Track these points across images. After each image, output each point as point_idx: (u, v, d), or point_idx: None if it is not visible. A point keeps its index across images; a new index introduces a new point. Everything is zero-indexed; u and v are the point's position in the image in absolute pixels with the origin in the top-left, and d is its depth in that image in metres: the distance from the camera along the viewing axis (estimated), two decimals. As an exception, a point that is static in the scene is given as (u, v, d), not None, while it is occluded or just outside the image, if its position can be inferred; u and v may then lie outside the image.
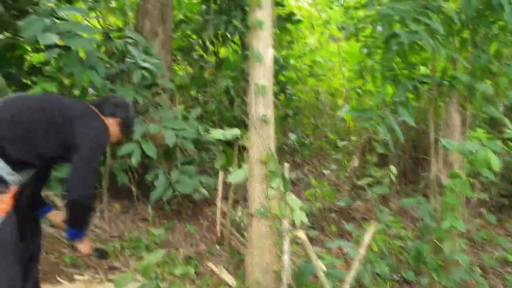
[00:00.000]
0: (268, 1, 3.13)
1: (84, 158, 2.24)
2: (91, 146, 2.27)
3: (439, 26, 3.20)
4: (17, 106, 2.27)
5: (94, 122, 2.37)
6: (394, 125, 3.46)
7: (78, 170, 2.24)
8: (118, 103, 2.56)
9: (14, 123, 2.18)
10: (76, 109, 2.35)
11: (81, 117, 2.32)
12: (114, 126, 2.50)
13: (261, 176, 3.14)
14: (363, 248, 2.66)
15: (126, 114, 2.55)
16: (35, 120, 2.22)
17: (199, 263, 3.62)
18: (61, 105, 2.33)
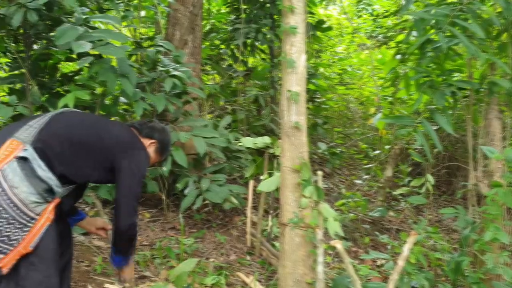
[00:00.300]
0: (301, 6, 3.07)
1: (127, 190, 2.31)
2: (135, 179, 2.33)
3: (478, 29, 3.08)
4: (72, 124, 2.33)
5: (138, 153, 2.42)
6: (432, 132, 3.34)
7: (123, 203, 2.30)
8: (156, 127, 2.63)
9: (67, 140, 2.23)
10: (123, 139, 2.41)
11: (127, 149, 2.37)
12: (151, 147, 2.56)
13: (294, 184, 3.06)
14: (402, 259, 2.54)
15: (163, 138, 2.62)
16: (85, 144, 2.27)
17: (229, 273, 3.55)
18: (110, 133, 2.38)
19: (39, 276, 2.10)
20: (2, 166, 2.01)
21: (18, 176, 2.01)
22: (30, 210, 2.03)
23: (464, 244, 3.45)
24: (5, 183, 1.98)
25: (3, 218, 1.97)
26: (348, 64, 8.27)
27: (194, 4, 5.00)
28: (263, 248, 3.92)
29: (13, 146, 2.08)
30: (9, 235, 1.98)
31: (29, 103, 3.60)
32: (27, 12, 3.18)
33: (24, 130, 2.16)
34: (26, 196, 2.01)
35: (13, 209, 1.99)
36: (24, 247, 2.02)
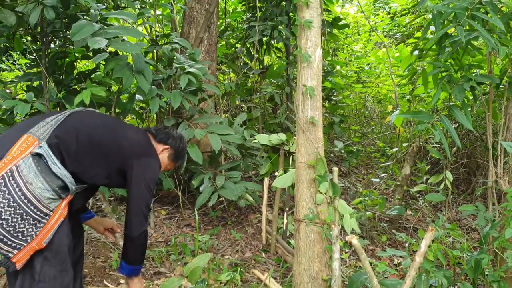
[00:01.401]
0: (316, 0, 3.04)
1: (139, 200, 2.34)
2: (145, 188, 2.35)
3: (499, 22, 3.01)
4: (93, 124, 2.34)
5: (150, 161, 2.43)
6: (451, 128, 3.28)
7: (134, 212, 2.34)
8: (172, 134, 2.64)
9: (86, 140, 2.24)
10: (138, 145, 2.43)
11: (140, 156, 2.39)
12: (163, 153, 2.58)
13: (309, 180, 3.03)
14: (419, 255, 2.49)
15: (178, 145, 2.63)
16: (103, 145, 2.30)
17: (245, 270, 3.53)
18: (126, 138, 2.40)
19: (54, 271, 2.11)
20: (18, 161, 2.03)
21: (33, 172, 2.02)
22: (44, 206, 2.04)
23: (484, 242, 3.38)
24: (20, 179, 1.99)
25: (17, 214, 1.98)
26: (365, 62, 8.19)
27: (210, 2, 5.00)
28: (278, 245, 3.89)
29: (29, 142, 2.09)
30: (23, 231, 1.99)
31: (46, 100, 3.63)
32: (44, 9, 3.22)
33: (41, 127, 2.17)
34: (40, 192, 2.02)
35: (27, 205, 1.99)
36: (38, 243, 2.03)
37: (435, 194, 3.47)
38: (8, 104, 3.39)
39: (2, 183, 1.97)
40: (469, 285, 3.38)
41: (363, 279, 2.78)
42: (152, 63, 3.77)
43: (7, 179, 1.98)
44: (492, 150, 3.61)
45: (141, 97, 4.21)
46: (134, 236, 2.36)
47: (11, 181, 1.98)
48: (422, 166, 4.80)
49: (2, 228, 1.96)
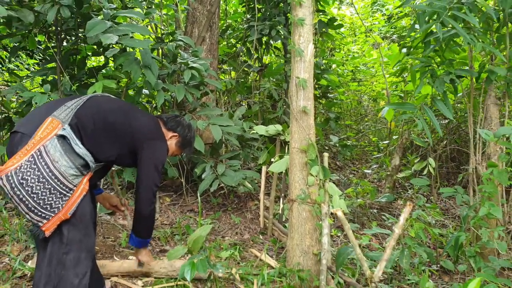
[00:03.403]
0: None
1: (148, 179, 2.61)
2: (153, 168, 2.62)
3: (474, 20, 3.31)
4: (109, 107, 2.60)
5: (158, 144, 2.70)
6: (433, 117, 3.57)
7: (143, 191, 2.62)
8: (181, 122, 2.91)
9: (101, 120, 2.49)
10: (148, 129, 2.69)
11: (149, 138, 2.64)
12: (172, 140, 2.86)
13: (301, 164, 3.32)
14: (398, 227, 2.77)
15: (186, 133, 2.90)
16: (117, 126, 2.55)
17: (243, 249, 3.82)
18: (139, 120, 2.65)
19: (79, 235, 2.40)
20: (45, 142, 2.30)
21: (58, 152, 2.30)
22: (69, 182, 2.33)
23: (464, 223, 3.67)
24: (47, 158, 2.27)
25: (46, 188, 2.25)
26: (361, 62, 8.49)
27: (212, 3, 5.31)
28: (274, 228, 4.18)
29: (54, 124, 2.36)
30: (51, 203, 2.27)
31: (61, 92, 3.94)
32: (60, 9, 3.53)
33: (63, 111, 2.45)
34: (65, 170, 2.31)
35: (55, 180, 2.27)
36: (64, 213, 2.31)
37: (419, 179, 3.75)
38: (27, 95, 3.69)
39: (32, 161, 2.24)
40: (450, 263, 3.68)
41: (349, 251, 3.07)
42: (158, 58, 4.07)
43: (36, 158, 2.25)
44: (474, 139, 3.91)
45: (147, 91, 4.52)
46: (144, 212, 2.64)
47: (40, 160, 2.25)
48: (412, 158, 5.09)
49: (33, 200, 2.23)
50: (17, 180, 2.20)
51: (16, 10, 3.76)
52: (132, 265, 3.13)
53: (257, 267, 3.42)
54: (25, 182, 2.21)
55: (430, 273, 3.63)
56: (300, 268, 3.20)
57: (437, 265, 3.72)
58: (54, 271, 2.31)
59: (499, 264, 3.31)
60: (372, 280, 2.78)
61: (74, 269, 2.33)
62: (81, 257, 2.37)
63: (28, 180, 2.21)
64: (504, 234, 3.37)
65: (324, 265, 3.07)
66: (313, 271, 3.23)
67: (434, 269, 3.66)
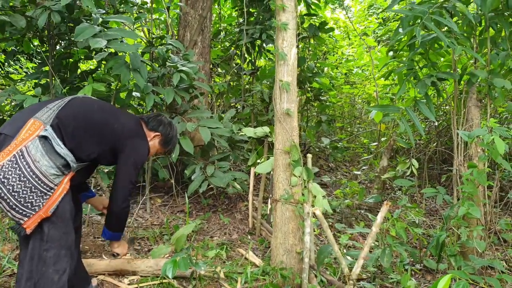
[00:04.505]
0: (292, 4, 3.43)
1: (126, 177, 2.65)
2: (133, 167, 2.66)
3: (453, 25, 3.39)
4: (90, 108, 2.66)
5: (139, 143, 2.74)
6: (415, 119, 3.64)
7: (119, 188, 2.65)
8: (162, 121, 2.95)
9: (82, 120, 2.56)
10: (128, 128, 2.73)
11: (129, 137, 2.69)
12: (154, 140, 2.90)
13: (285, 165, 3.40)
14: (376, 226, 2.85)
15: (167, 131, 2.94)
16: (97, 125, 2.61)
17: (231, 249, 3.89)
18: (119, 120, 2.70)
19: (59, 232, 2.48)
20: (27, 143, 2.37)
21: (40, 152, 2.37)
22: (50, 181, 2.39)
23: (446, 223, 3.74)
24: (29, 158, 2.34)
25: (27, 187, 2.33)
26: (356, 65, 8.58)
27: (203, 7, 5.40)
28: (262, 228, 4.26)
29: (35, 126, 2.43)
30: (32, 201, 2.34)
31: (52, 95, 4.03)
32: (51, 14, 3.62)
33: (45, 112, 2.51)
34: (46, 169, 2.37)
35: (35, 180, 2.34)
36: (44, 211, 2.38)
37: (403, 180, 3.83)
38: (18, 98, 3.78)
39: (14, 161, 2.31)
40: (433, 262, 3.75)
41: (330, 250, 3.14)
42: (148, 62, 4.16)
43: (18, 158, 2.32)
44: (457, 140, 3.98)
45: (138, 94, 4.60)
46: (117, 209, 2.67)
47: (22, 160, 2.32)
48: (401, 159, 5.16)
49: (14, 199, 2.30)
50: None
51: (8, 15, 3.86)
52: (119, 263, 3.21)
53: (242, 265, 3.50)
54: (6, 181, 2.27)
55: (414, 272, 3.70)
56: (283, 267, 3.28)
57: (420, 264, 3.79)
58: (36, 268, 2.39)
59: (478, 263, 3.38)
60: (350, 278, 2.85)
61: (54, 266, 2.41)
62: (61, 254, 2.45)
63: (9, 179, 2.28)
64: (483, 233, 3.43)
65: (306, 263, 3.15)
66: (296, 269, 3.30)
67: (417, 268, 3.74)
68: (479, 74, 3.62)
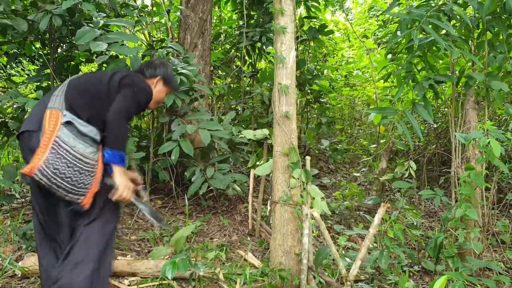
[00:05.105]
0: (290, 8, 3.46)
1: (122, 104, 2.65)
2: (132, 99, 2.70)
3: (450, 28, 3.42)
4: (87, 80, 2.78)
5: (139, 81, 2.85)
6: (414, 122, 3.67)
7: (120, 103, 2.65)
8: (155, 64, 3.04)
9: (85, 93, 2.67)
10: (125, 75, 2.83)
11: (129, 76, 2.81)
12: (158, 85, 3.00)
13: (284, 167, 3.43)
14: (373, 227, 2.88)
15: (165, 71, 3.03)
16: (96, 91, 2.70)
17: (230, 250, 3.92)
18: (114, 75, 2.80)
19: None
20: (57, 133, 2.50)
21: (71, 138, 2.51)
22: (91, 159, 2.56)
23: (444, 224, 3.77)
24: (65, 145, 2.48)
25: (76, 171, 2.49)
26: (356, 67, 8.61)
27: (204, 10, 5.44)
28: (262, 230, 4.29)
29: (55, 115, 2.54)
30: (84, 181, 2.52)
31: (54, 98, 4.06)
32: (52, 18, 3.66)
33: (55, 100, 2.63)
34: (84, 151, 2.53)
35: (80, 162, 2.51)
36: (95, 186, 2.57)
37: (401, 181, 3.86)
38: (20, 101, 3.82)
39: (55, 153, 2.45)
40: (431, 263, 3.78)
41: (328, 251, 3.17)
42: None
43: (57, 149, 2.46)
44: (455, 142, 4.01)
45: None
46: (113, 119, 2.60)
47: (61, 149, 2.47)
48: (400, 161, 5.18)
49: (69, 184, 2.48)
50: (51, 171, 2.43)
51: (10, 19, 3.90)
52: (119, 265, 3.24)
53: (241, 267, 3.53)
54: (57, 171, 2.44)
55: (412, 274, 3.72)
56: (282, 268, 3.31)
57: (418, 266, 3.81)
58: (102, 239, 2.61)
59: (476, 265, 3.40)
60: (348, 279, 2.88)
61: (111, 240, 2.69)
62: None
63: (59, 169, 2.45)
64: (480, 235, 3.46)
65: (304, 264, 3.18)
66: (295, 271, 3.33)
67: (415, 270, 3.76)
68: (477, 77, 3.65)
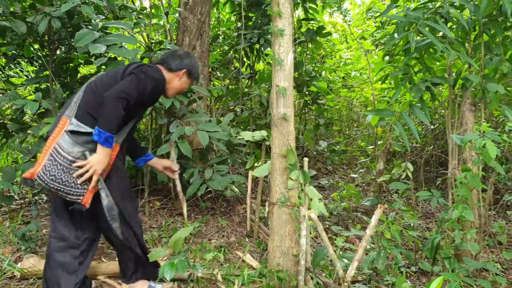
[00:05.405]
0: (288, 11, 3.49)
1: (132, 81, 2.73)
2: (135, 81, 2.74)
3: (447, 30, 3.44)
4: (96, 81, 2.88)
5: (150, 67, 2.89)
6: (410, 123, 3.69)
7: (122, 85, 2.71)
8: (182, 55, 3.08)
9: (98, 93, 2.75)
10: (135, 65, 2.91)
11: (139, 66, 2.89)
12: (184, 77, 3.07)
13: (282, 168, 3.45)
14: (370, 229, 2.90)
15: (191, 62, 3.09)
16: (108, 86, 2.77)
17: (228, 251, 3.94)
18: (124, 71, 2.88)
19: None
20: (58, 140, 2.64)
21: (71, 144, 2.63)
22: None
23: (440, 226, 3.79)
24: (64, 152, 2.61)
25: (71, 174, 2.61)
26: (354, 69, 8.64)
27: (202, 12, 5.46)
28: (260, 231, 4.31)
29: (63, 122, 2.70)
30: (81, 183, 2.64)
31: (53, 100, 4.09)
32: (51, 20, 3.68)
33: (70, 107, 2.76)
34: (79, 154, 2.63)
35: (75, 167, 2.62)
36: (92, 186, 2.67)
37: (398, 183, 3.88)
38: (19, 103, 3.84)
39: (52, 160, 2.59)
40: (427, 264, 3.80)
41: (325, 252, 3.20)
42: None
43: (54, 156, 2.60)
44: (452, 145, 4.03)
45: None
46: (110, 96, 2.63)
47: (59, 156, 2.60)
48: (397, 162, 5.21)
49: (66, 187, 2.61)
50: (48, 178, 2.57)
51: (9, 21, 3.91)
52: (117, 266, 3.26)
53: (240, 268, 3.54)
54: (54, 177, 2.58)
55: (409, 274, 3.75)
56: (280, 269, 3.32)
57: (415, 267, 3.84)
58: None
59: (472, 265, 3.42)
60: (345, 280, 2.90)
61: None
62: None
63: (56, 175, 2.59)
64: (476, 236, 3.48)
65: (302, 265, 3.20)
66: (292, 272, 3.35)
67: (412, 271, 3.78)
68: (473, 79, 3.67)
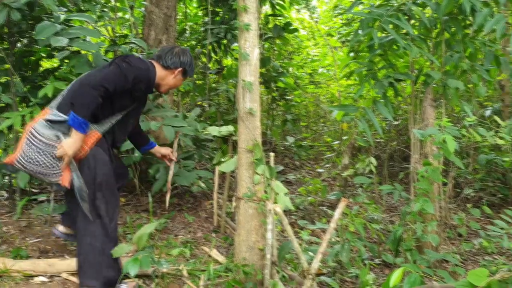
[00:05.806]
0: (254, 5, 3.49)
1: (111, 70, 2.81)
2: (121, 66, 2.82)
3: (409, 27, 3.53)
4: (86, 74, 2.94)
5: (134, 58, 2.95)
6: (373, 118, 3.77)
7: (100, 71, 2.85)
8: (178, 53, 3.12)
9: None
10: (121, 56, 2.96)
11: (123, 56, 2.94)
12: (179, 75, 3.15)
13: (248, 163, 3.46)
14: (333, 222, 2.95)
15: (188, 60, 3.15)
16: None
17: (195, 247, 3.93)
18: (110, 63, 2.95)
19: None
20: (34, 125, 2.75)
21: (47, 128, 2.74)
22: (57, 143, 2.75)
23: (403, 219, 3.88)
24: (39, 135, 2.71)
25: (47, 156, 2.71)
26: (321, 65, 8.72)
27: (168, 6, 5.40)
28: (227, 226, 4.31)
29: (43, 112, 2.84)
30: (57, 163, 2.73)
31: (13, 94, 3.97)
32: (10, 11, 3.57)
33: (56, 99, 2.90)
34: (52, 137, 2.72)
35: (53, 148, 2.71)
36: (64, 167, 2.74)
37: (362, 177, 3.96)
38: (-23, 97, 3.71)
39: (29, 143, 2.72)
40: (390, 256, 3.89)
41: (291, 246, 3.22)
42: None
43: (30, 139, 2.72)
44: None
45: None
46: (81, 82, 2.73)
47: (34, 139, 2.71)
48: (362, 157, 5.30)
49: (43, 169, 2.72)
50: (26, 161, 2.71)
51: (-34, 12, 3.77)
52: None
53: (206, 263, 3.54)
54: (32, 160, 2.71)
55: (372, 267, 3.83)
56: (246, 263, 3.34)
57: (379, 259, 3.92)
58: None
59: (433, 257, 3.53)
60: (309, 272, 2.94)
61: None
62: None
63: (33, 158, 2.70)
64: (437, 228, 3.59)
65: (268, 259, 3.22)
66: (258, 266, 3.37)
67: (376, 263, 3.86)
68: (435, 75, 3.77)
